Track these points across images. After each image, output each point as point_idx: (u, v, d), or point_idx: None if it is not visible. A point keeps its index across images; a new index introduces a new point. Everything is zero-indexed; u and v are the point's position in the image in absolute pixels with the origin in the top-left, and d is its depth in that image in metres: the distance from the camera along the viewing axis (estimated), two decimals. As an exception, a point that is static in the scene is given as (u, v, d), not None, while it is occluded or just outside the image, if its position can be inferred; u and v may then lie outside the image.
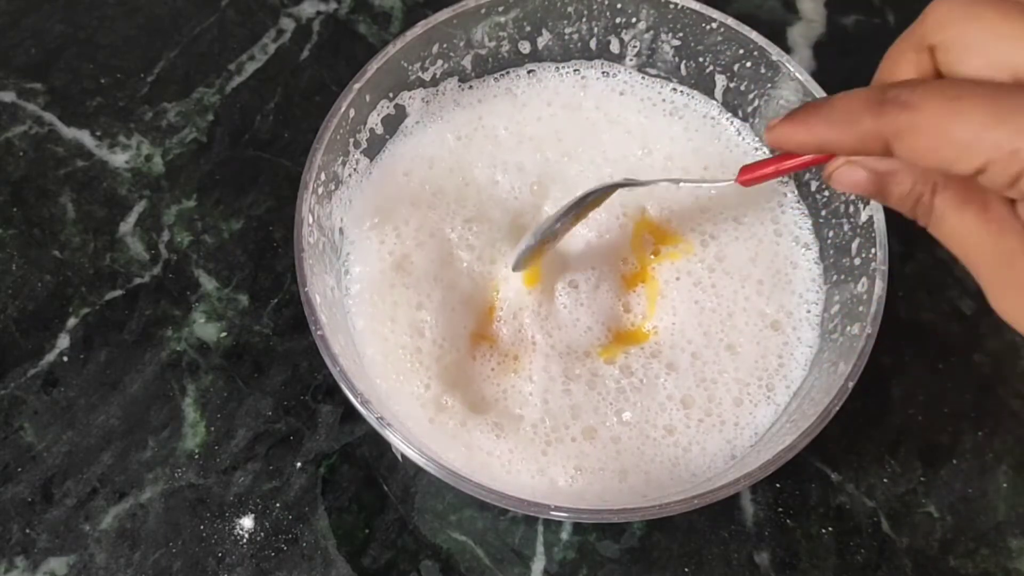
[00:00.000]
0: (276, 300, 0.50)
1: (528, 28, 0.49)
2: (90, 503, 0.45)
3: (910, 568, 0.45)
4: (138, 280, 0.51)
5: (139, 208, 0.53)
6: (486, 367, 0.44)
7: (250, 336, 0.49)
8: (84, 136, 0.55)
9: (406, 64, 0.46)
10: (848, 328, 0.41)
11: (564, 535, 0.45)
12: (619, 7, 0.48)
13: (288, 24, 0.59)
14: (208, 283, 0.51)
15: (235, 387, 0.48)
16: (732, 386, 0.43)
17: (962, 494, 0.47)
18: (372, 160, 0.48)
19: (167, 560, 0.44)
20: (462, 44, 0.48)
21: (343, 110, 0.43)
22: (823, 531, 0.46)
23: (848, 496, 0.46)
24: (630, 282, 0.46)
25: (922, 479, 0.47)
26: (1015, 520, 0.46)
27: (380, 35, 0.59)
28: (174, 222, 0.53)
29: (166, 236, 0.52)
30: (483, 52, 0.49)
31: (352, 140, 0.45)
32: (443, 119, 0.49)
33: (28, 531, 0.45)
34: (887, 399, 0.49)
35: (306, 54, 0.58)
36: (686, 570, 0.45)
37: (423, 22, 0.46)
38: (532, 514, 0.39)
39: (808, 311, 0.45)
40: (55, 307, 0.50)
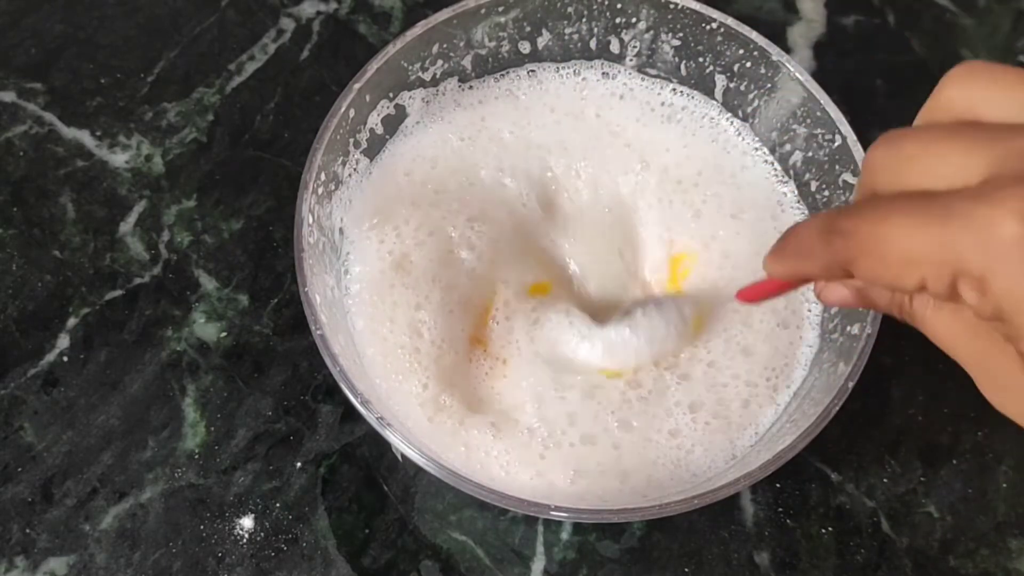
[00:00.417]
0: (276, 300, 0.50)
1: (528, 28, 0.49)
2: (90, 503, 0.45)
3: (910, 568, 0.45)
4: (138, 280, 0.51)
5: (139, 208, 0.53)
6: (481, 369, 0.44)
7: (250, 336, 0.49)
8: (84, 136, 0.55)
9: (406, 64, 0.46)
10: (848, 328, 0.41)
11: (564, 535, 0.45)
12: (619, 7, 0.48)
13: (288, 24, 0.59)
14: (208, 283, 0.51)
15: (235, 387, 0.48)
16: (742, 389, 0.43)
17: (962, 494, 0.47)
18: (372, 160, 0.48)
19: (167, 560, 0.44)
20: (462, 44, 0.48)
21: (343, 110, 0.43)
22: (823, 531, 0.46)
23: (848, 496, 0.46)
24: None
25: (922, 479, 0.47)
26: (1015, 520, 0.46)
27: (380, 35, 0.59)
28: (174, 222, 0.53)
29: (166, 236, 0.52)
30: (483, 52, 0.49)
31: (352, 140, 0.45)
32: (444, 119, 0.49)
33: (28, 531, 0.45)
34: (887, 399, 0.49)
35: (306, 54, 0.58)
36: (686, 570, 0.45)
37: (423, 22, 0.46)
38: (532, 514, 0.39)
39: (809, 310, 0.45)
40: (55, 307, 0.50)
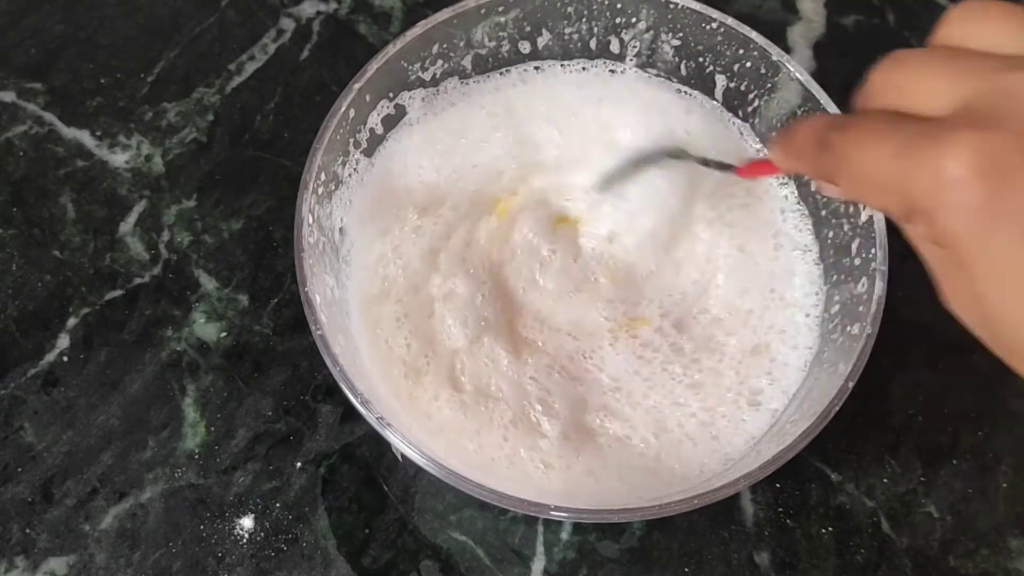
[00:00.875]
0: (276, 300, 0.50)
1: (528, 28, 0.49)
2: (90, 503, 0.45)
3: (910, 568, 0.45)
4: (138, 280, 0.51)
5: (139, 208, 0.53)
6: (479, 363, 0.44)
7: (250, 336, 0.49)
8: (84, 136, 0.55)
9: (406, 64, 0.46)
10: (848, 328, 0.41)
11: (564, 535, 0.45)
12: (619, 7, 0.48)
13: (288, 24, 0.59)
14: (208, 283, 0.51)
15: (235, 387, 0.48)
16: (742, 388, 0.43)
17: (962, 494, 0.47)
18: (372, 160, 0.48)
19: (167, 560, 0.44)
20: (462, 44, 0.48)
21: (343, 110, 0.43)
22: (823, 531, 0.46)
23: (848, 496, 0.46)
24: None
25: (922, 479, 0.47)
26: (1015, 520, 0.46)
27: (380, 35, 0.59)
28: (174, 222, 0.53)
29: (166, 236, 0.52)
30: (483, 52, 0.49)
31: (352, 140, 0.45)
32: (443, 119, 0.49)
33: (28, 531, 0.45)
34: (887, 399, 0.49)
35: (306, 54, 0.58)
36: (686, 570, 0.45)
37: (423, 22, 0.46)
38: (532, 514, 0.39)
39: (808, 313, 0.45)
40: (55, 307, 0.50)
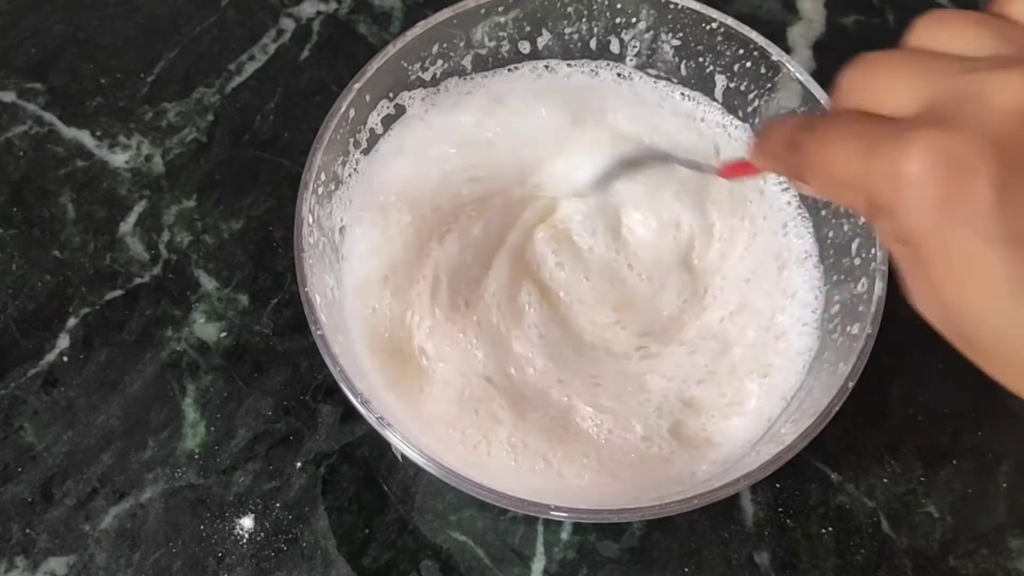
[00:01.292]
0: (276, 300, 0.50)
1: (528, 28, 0.49)
2: (90, 503, 0.45)
3: (910, 568, 0.45)
4: (138, 280, 0.51)
5: (139, 208, 0.53)
6: (480, 363, 0.44)
7: (250, 336, 0.49)
8: (84, 136, 0.55)
9: (406, 64, 0.46)
10: (848, 328, 0.41)
11: (564, 535, 0.45)
12: (619, 7, 0.48)
13: (288, 24, 0.59)
14: (208, 283, 0.51)
15: (235, 387, 0.48)
16: (742, 388, 0.43)
17: (962, 494, 0.47)
18: (372, 160, 0.48)
19: (167, 560, 0.44)
20: (462, 44, 0.48)
21: (343, 110, 0.43)
22: (823, 531, 0.46)
23: (848, 496, 0.46)
24: None
25: (922, 479, 0.47)
26: (1015, 520, 0.46)
27: (380, 35, 0.59)
28: (174, 222, 0.53)
29: (166, 236, 0.52)
30: (483, 52, 0.49)
31: (352, 140, 0.45)
32: (443, 119, 0.49)
33: (28, 531, 0.45)
34: (887, 399, 0.49)
35: (306, 54, 0.58)
36: (686, 570, 0.45)
37: (423, 22, 0.46)
38: (532, 514, 0.39)
39: (806, 317, 0.45)
40: (55, 307, 0.50)
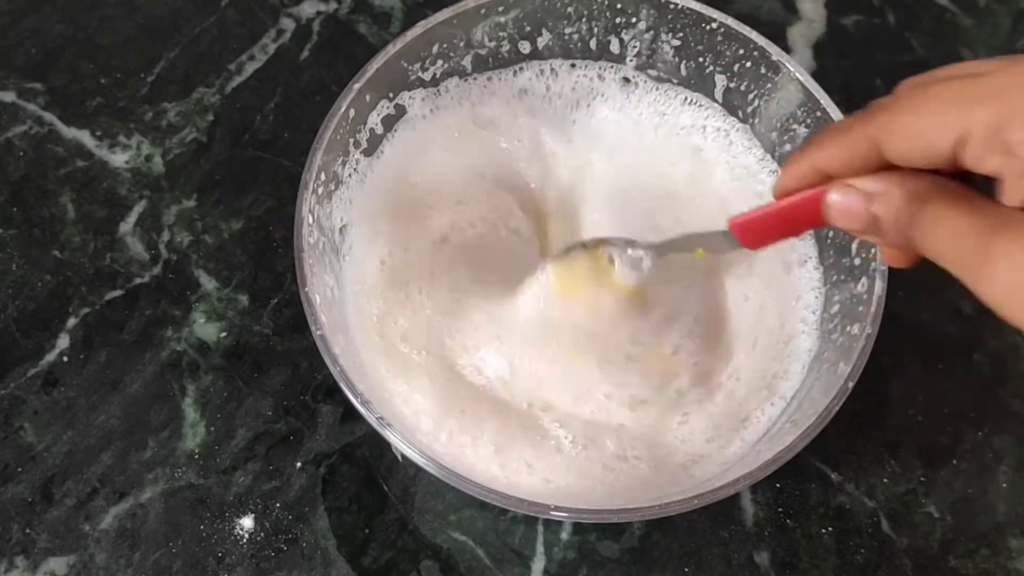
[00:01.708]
0: (276, 300, 0.50)
1: (528, 28, 0.49)
2: (90, 503, 0.45)
3: (910, 568, 0.45)
4: (138, 280, 0.51)
5: (139, 208, 0.53)
6: (480, 363, 0.44)
7: (250, 336, 0.49)
8: (84, 136, 0.55)
9: (406, 64, 0.46)
10: (848, 328, 0.41)
11: (564, 535, 0.45)
12: (619, 7, 0.48)
13: (288, 24, 0.59)
14: (208, 283, 0.51)
15: (235, 387, 0.48)
16: (742, 389, 0.43)
17: (962, 494, 0.47)
18: (372, 160, 0.48)
19: (167, 560, 0.44)
20: (462, 44, 0.48)
21: (343, 110, 0.43)
22: (823, 531, 0.46)
23: (848, 496, 0.46)
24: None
25: (922, 479, 0.47)
26: (1015, 520, 0.46)
27: (380, 35, 0.59)
28: (174, 222, 0.53)
29: (166, 236, 0.52)
30: (483, 52, 0.49)
31: (352, 140, 0.45)
32: (443, 119, 0.49)
33: (28, 531, 0.45)
34: (887, 399, 0.49)
35: (306, 54, 0.58)
36: (686, 570, 0.45)
37: (423, 22, 0.46)
38: (532, 514, 0.39)
39: (808, 317, 0.45)
40: (55, 307, 0.50)
